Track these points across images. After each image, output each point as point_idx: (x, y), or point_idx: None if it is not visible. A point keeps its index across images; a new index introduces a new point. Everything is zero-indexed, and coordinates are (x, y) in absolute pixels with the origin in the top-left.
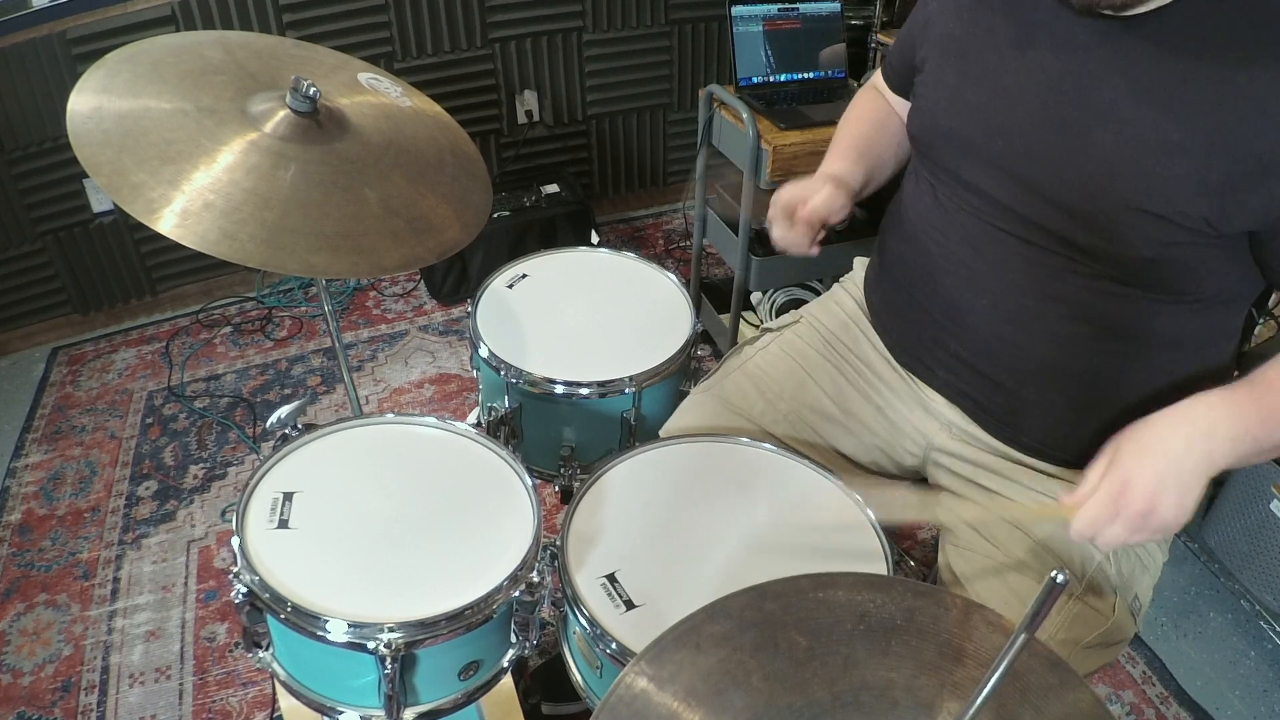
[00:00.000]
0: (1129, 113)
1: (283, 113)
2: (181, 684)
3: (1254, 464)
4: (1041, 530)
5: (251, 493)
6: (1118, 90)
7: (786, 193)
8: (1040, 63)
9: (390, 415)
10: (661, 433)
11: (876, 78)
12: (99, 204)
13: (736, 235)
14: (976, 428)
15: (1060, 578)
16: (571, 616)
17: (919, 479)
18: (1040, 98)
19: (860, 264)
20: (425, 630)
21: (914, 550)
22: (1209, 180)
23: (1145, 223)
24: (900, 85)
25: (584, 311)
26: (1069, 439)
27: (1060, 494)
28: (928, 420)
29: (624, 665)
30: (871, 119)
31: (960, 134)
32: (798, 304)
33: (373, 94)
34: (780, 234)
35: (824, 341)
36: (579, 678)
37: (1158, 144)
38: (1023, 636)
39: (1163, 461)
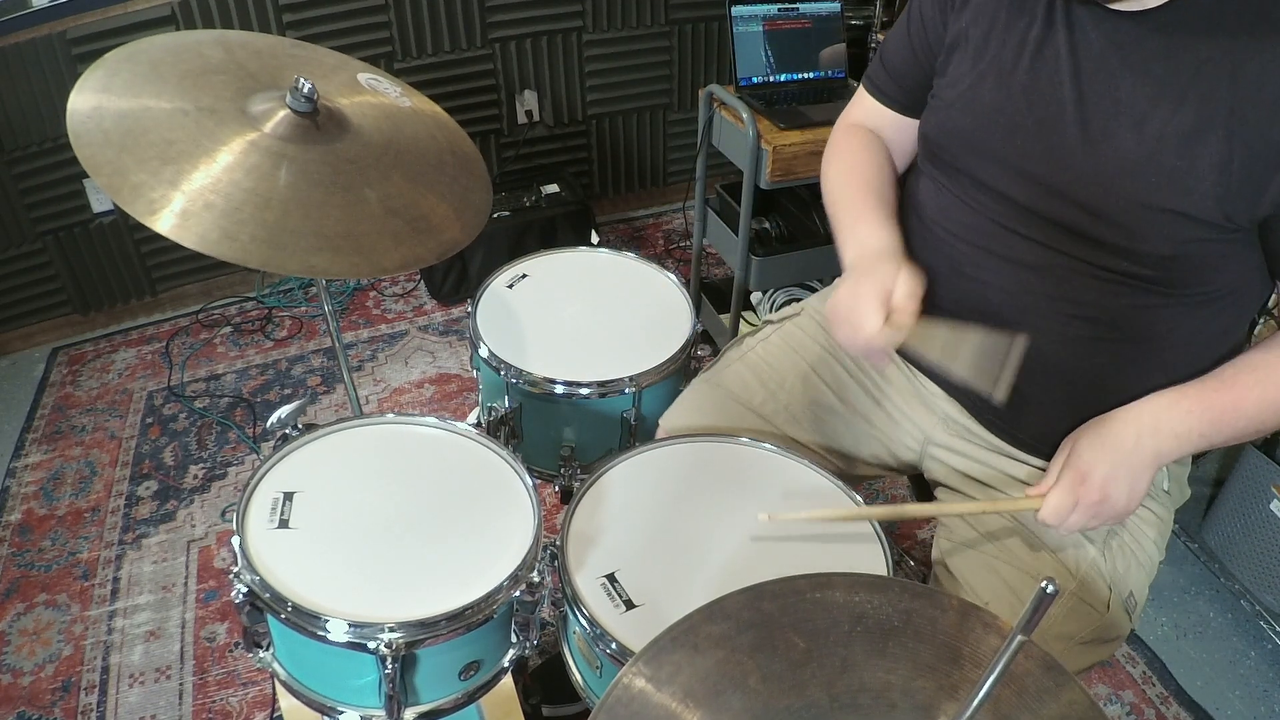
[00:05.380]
0: (1146, 109)
1: (282, 112)
2: (181, 684)
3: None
4: (1034, 524)
5: (252, 493)
6: (1135, 87)
7: (865, 294)
8: (1056, 61)
9: (390, 415)
10: (661, 420)
11: (856, 112)
12: (99, 204)
13: (736, 235)
14: (975, 423)
15: (1050, 588)
16: (571, 616)
17: (915, 474)
18: (1057, 97)
19: None
20: (425, 630)
21: (914, 550)
22: (1229, 171)
23: (1166, 220)
24: (906, 100)
25: (584, 311)
26: (1066, 436)
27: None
28: (926, 414)
29: (624, 665)
30: (874, 164)
31: (974, 134)
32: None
33: (372, 94)
34: (875, 336)
35: (825, 334)
36: (579, 678)
37: (1176, 138)
38: (1018, 639)
39: (1115, 455)
